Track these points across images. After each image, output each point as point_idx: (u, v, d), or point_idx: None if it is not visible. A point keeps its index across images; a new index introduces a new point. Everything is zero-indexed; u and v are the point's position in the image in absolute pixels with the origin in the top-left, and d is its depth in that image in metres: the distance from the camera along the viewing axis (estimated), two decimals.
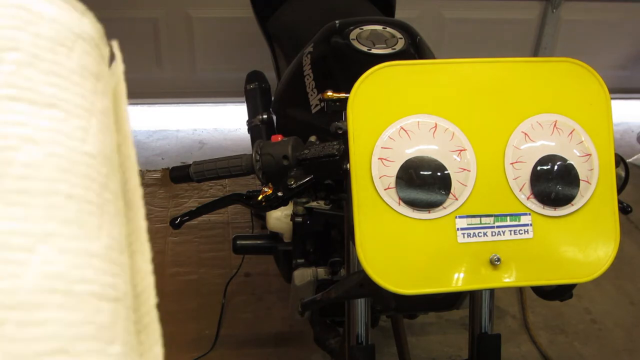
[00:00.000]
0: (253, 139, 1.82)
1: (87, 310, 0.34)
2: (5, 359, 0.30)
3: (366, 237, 0.90)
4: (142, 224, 0.40)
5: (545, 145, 0.94)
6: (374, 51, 1.39)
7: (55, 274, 0.33)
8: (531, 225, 0.93)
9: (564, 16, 3.37)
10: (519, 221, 0.93)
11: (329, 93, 1.04)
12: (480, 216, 0.93)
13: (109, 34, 0.40)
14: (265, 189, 1.12)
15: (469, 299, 1.23)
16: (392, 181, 0.91)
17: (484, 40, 3.37)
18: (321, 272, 1.44)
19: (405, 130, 0.92)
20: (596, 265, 0.94)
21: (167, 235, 2.53)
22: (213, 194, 2.80)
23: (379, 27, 1.47)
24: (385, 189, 0.91)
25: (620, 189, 1.03)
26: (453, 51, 3.34)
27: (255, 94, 1.92)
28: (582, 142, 0.95)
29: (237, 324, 2.13)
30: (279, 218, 1.47)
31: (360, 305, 1.18)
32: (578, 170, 0.94)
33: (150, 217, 2.63)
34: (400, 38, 1.43)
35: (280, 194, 1.10)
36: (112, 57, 0.43)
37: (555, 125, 0.95)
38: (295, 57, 1.63)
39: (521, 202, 0.93)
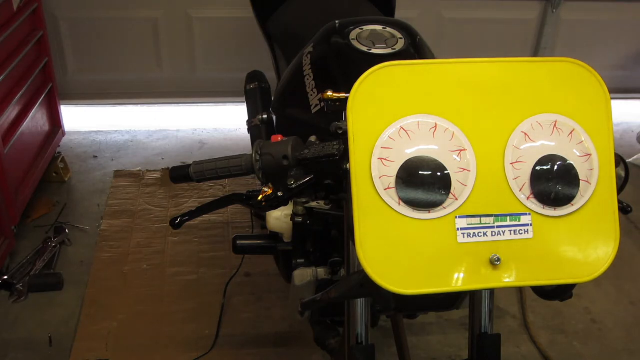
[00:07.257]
0: (253, 139, 1.82)
1: None
2: None
3: (366, 237, 0.90)
4: None
5: (545, 145, 0.94)
6: (374, 51, 1.39)
7: None
8: (531, 225, 0.93)
9: (564, 16, 3.37)
10: (519, 221, 0.93)
11: (329, 93, 1.04)
12: (480, 216, 0.93)
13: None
14: (265, 189, 1.11)
15: (469, 299, 1.23)
16: (392, 181, 0.91)
17: (484, 40, 3.37)
18: (321, 272, 1.44)
19: (405, 130, 0.92)
20: (596, 265, 0.94)
21: (167, 235, 2.53)
22: (213, 194, 2.80)
23: (379, 27, 1.47)
24: (385, 189, 0.91)
25: (620, 189, 1.03)
26: (453, 51, 3.34)
27: (255, 94, 1.92)
28: (582, 142, 0.95)
29: (237, 324, 2.13)
30: (279, 218, 1.47)
31: (360, 305, 1.18)
32: (578, 170, 0.94)
33: (150, 217, 2.63)
34: (400, 38, 1.43)
35: (280, 194, 1.09)
36: None
37: (555, 125, 0.95)
38: (295, 57, 1.63)
39: (521, 202, 0.93)
